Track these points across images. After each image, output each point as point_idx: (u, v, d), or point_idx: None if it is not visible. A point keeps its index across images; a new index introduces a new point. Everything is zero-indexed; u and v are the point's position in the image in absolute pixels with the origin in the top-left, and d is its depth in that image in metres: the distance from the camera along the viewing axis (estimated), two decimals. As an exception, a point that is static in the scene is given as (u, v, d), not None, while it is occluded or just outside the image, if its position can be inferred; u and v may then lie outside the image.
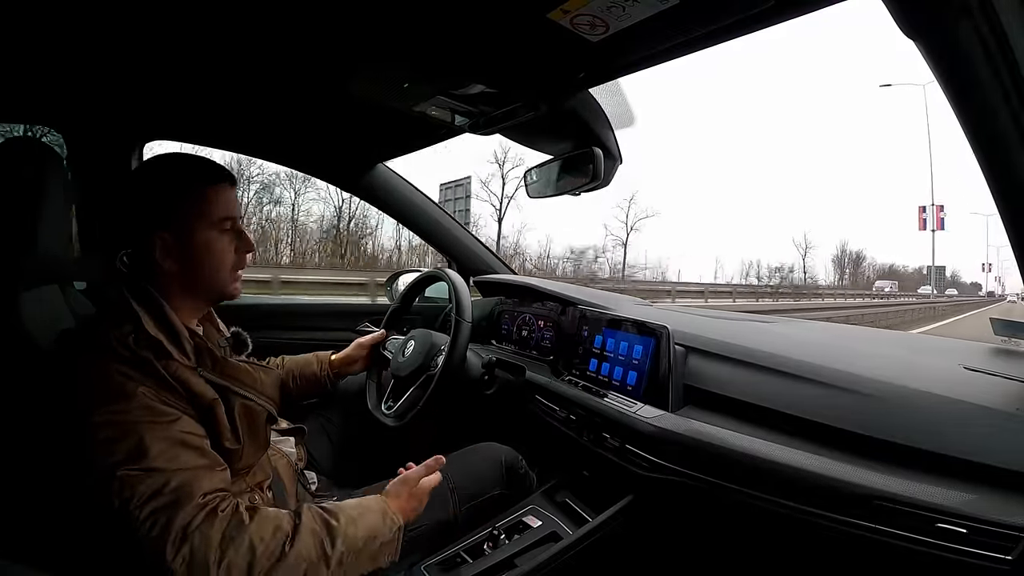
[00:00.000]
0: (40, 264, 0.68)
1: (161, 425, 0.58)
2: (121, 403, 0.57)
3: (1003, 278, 45.38)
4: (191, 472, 0.57)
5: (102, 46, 0.79)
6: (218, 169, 0.71)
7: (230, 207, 0.70)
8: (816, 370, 0.71)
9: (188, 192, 0.68)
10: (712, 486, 0.70)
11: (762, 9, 0.54)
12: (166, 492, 0.55)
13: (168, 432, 0.58)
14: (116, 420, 0.56)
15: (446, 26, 0.65)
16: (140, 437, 0.56)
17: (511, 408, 1.14)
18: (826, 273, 44.38)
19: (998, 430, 0.56)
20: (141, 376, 0.60)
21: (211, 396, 0.65)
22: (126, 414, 0.57)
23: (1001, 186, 0.47)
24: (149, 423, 0.57)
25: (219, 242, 0.70)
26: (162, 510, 0.54)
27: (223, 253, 0.70)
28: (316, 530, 0.61)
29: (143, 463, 0.55)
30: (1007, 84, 0.41)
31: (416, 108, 0.90)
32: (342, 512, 0.65)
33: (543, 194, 1.04)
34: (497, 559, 0.82)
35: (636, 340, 0.90)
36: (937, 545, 0.52)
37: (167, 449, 0.57)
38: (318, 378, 1.09)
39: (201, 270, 0.69)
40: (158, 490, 0.54)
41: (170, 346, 0.64)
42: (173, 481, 0.55)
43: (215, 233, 0.69)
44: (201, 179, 0.69)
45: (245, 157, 13.47)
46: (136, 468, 0.55)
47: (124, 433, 0.56)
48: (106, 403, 0.57)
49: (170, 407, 0.60)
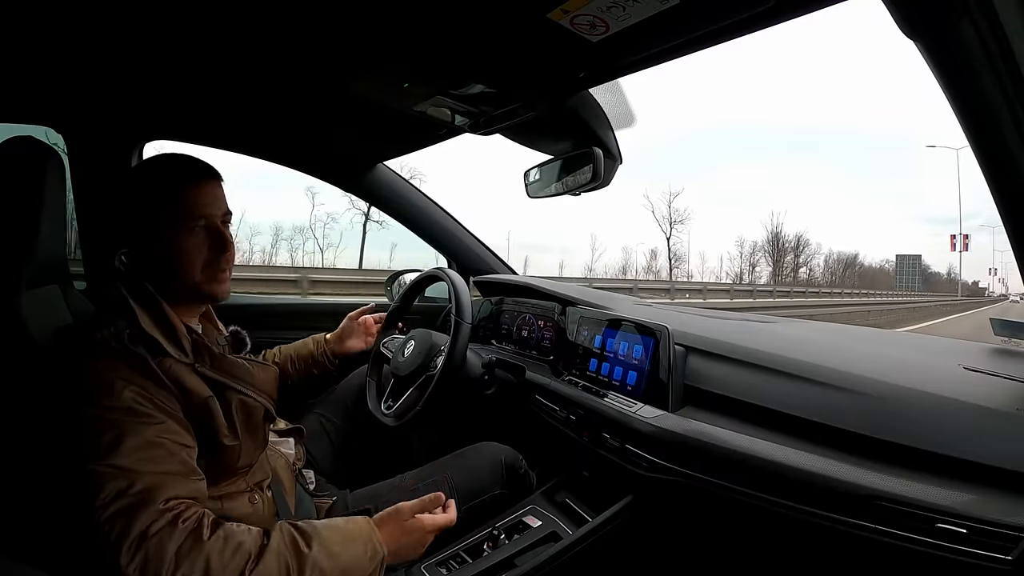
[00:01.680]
0: (40, 264, 0.68)
1: (141, 426, 0.57)
2: (105, 399, 0.57)
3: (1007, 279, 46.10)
4: (160, 476, 0.55)
5: (102, 46, 0.79)
6: (192, 166, 0.69)
7: (205, 205, 0.68)
8: (816, 370, 0.71)
9: (161, 191, 0.67)
10: (712, 486, 0.70)
11: (762, 9, 0.54)
12: (130, 494, 0.53)
13: (146, 434, 0.57)
14: (98, 415, 0.56)
15: (446, 26, 0.65)
16: (118, 434, 0.55)
17: (511, 408, 1.14)
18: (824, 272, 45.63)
19: (998, 430, 0.56)
20: (132, 374, 0.59)
21: (206, 394, 0.65)
22: (109, 411, 0.56)
23: (1001, 186, 0.47)
24: (130, 422, 0.56)
25: (188, 241, 0.67)
26: (123, 512, 0.52)
27: (192, 252, 0.68)
28: (283, 555, 0.57)
29: (114, 460, 0.54)
30: (1007, 84, 0.41)
31: (416, 108, 0.90)
32: (317, 537, 0.60)
33: (543, 194, 1.04)
34: (497, 559, 0.82)
35: (636, 340, 0.90)
36: (937, 545, 0.52)
37: (141, 449, 0.56)
38: (315, 357, 1.11)
39: (174, 269, 0.67)
40: (123, 490, 0.53)
41: (167, 343, 0.64)
42: (139, 483, 0.54)
43: (183, 232, 0.67)
44: (174, 177, 0.68)
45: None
46: (106, 464, 0.54)
47: (103, 428, 0.55)
48: (92, 398, 0.57)
49: (157, 408, 0.59)
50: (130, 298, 0.64)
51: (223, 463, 0.68)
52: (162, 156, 0.70)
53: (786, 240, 44.42)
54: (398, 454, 1.15)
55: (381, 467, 1.04)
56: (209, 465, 0.66)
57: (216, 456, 0.66)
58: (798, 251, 45.01)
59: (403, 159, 1.85)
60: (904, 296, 29.03)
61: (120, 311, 0.64)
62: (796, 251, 44.95)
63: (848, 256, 53.48)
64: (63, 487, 0.59)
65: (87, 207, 1.09)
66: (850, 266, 53.11)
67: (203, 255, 0.68)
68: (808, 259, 46.08)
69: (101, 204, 1.08)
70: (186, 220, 0.67)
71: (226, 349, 0.74)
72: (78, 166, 1.07)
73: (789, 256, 44.67)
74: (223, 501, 0.68)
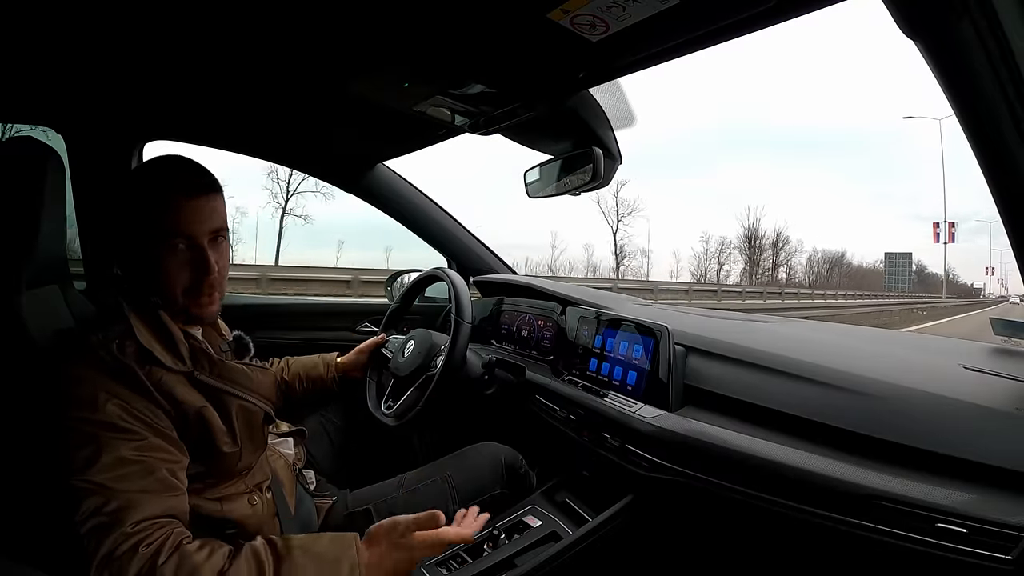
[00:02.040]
0: (40, 264, 0.68)
1: (120, 442, 0.56)
2: (86, 411, 0.56)
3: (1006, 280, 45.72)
4: (134, 495, 0.54)
5: (102, 46, 0.79)
6: (185, 180, 0.64)
7: (191, 223, 0.63)
8: (816, 370, 0.71)
9: (144, 205, 0.63)
10: (712, 486, 0.70)
11: (762, 9, 0.54)
12: (104, 512, 0.53)
13: (124, 450, 0.56)
14: (80, 427, 0.56)
15: (446, 26, 0.65)
16: (96, 449, 0.55)
17: (511, 408, 1.14)
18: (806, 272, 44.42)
19: (998, 430, 0.56)
20: (117, 386, 0.58)
21: (199, 404, 0.64)
22: (89, 424, 0.56)
23: (1001, 186, 0.47)
24: (108, 437, 0.56)
25: (167, 260, 0.64)
26: (97, 530, 0.53)
27: (173, 273, 0.64)
28: None
29: (92, 476, 0.54)
30: (1007, 84, 0.41)
31: (416, 108, 0.90)
32: (288, 560, 0.56)
33: (543, 194, 1.04)
34: (497, 559, 0.82)
35: (636, 340, 0.90)
36: (937, 545, 0.52)
37: (118, 467, 0.55)
38: (324, 381, 1.10)
39: (155, 286, 0.65)
40: (98, 508, 0.53)
41: (162, 351, 0.63)
42: (113, 503, 0.53)
43: (164, 250, 0.63)
44: (161, 191, 0.63)
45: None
46: (85, 481, 0.54)
47: (83, 441, 0.55)
48: (74, 408, 0.57)
49: (140, 423, 0.58)
50: (126, 305, 0.64)
51: (222, 467, 0.68)
52: (157, 162, 0.66)
53: (764, 237, 42.10)
54: (398, 454, 1.15)
55: (381, 467, 1.04)
56: (208, 469, 0.66)
57: (215, 461, 0.66)
58: (777, 247, 42.68)
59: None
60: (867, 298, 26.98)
61: (117, 317, 0.63)
62: (776, 247, 42.54)
63: (834, 255, 51.04)
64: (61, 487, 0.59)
65: (87, 207, 1.09)
66: (836, 265, 50.91)
67: (184, 276, 0.65)
68: (788, 257, 43.81)
69: (101, 204, 1.08)
70: (168, 237, 0.63)
71: (228, 355, 0.74)
72: (78, 166, 1.07)
73: (767, 253, 42.34)
74: (222, 503, 0.68)
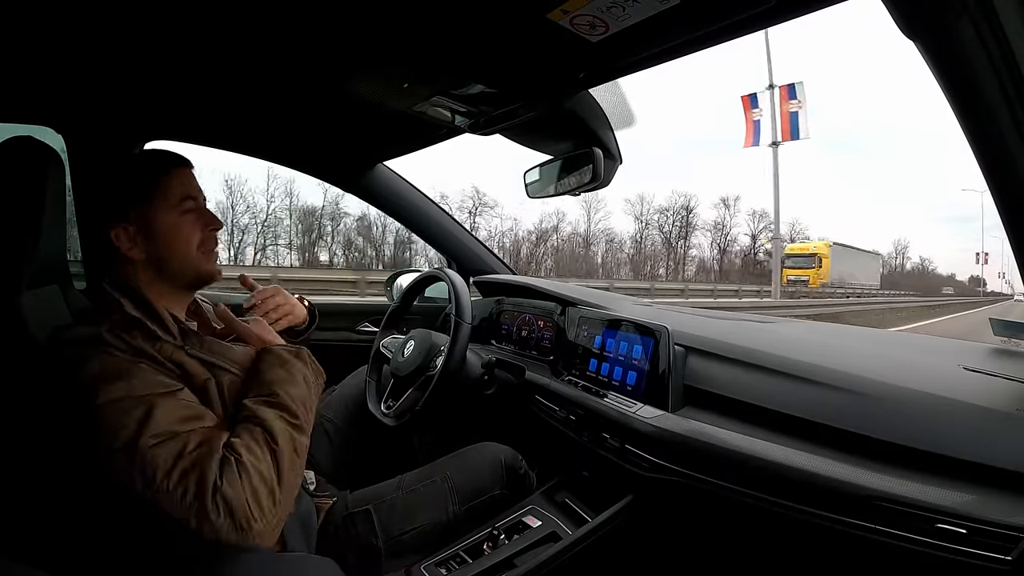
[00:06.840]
0: (41, 264, 0.68)
1: (167, 395, 0.59)
2: (124, 381, 0.58)
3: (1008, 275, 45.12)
4: (206, 430, 0.58)
5: (102, 46, 0.79)
6: (168, 156, 0.74)
7: (188, 188, 0.72)
8: (815, 370, 0.71)
9: (141, 183, 0.70)
10: (712, 486, 0.70)
11: (762, 9, 0.54)
12: (187, 454, 0.55)
13: (175, 399, 0.59)
14: (123, 396, 0.57)
15: (446, 26, 0.65)
16: (149, 407, 0.57)
17: (511, 408, 1.15)
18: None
19: (998, 430, 0.56)
20: (137, 360, 0.61)
21: (204, 376, 0.66)
22: (132, 389, 0.57)
23: (1001, 186, 0.47)
24: (157, 394, 0.58)
25: (183, 223, 0.71)
26: (190, 472, 0.54)
27: (189, 233, 0.72)
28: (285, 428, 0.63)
29: (158, 430, 0.55)
30: (1007, 84, 0.41)
31: (416, 108, 0.90)
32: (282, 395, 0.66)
33: (543, 194, 1.04)
34: (497, 559, 0.82)
35: (636, 340, 0.90)
36: (937, 546, 0.52)
37: (178, 412, 0.58)
38: None
39: (171, 253, 0.70)
40: (179, 453, 0.55)
41: (154, 326, 0.65)
42: (191, 442, 0.56)
43: (175, 215, 0.71)
44: (153, 169, 0.71)
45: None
46: (153, 438, 0.55)
47: (133, 406, 0.56)
48: (110, 384, 0.57)
49: (172, 378, 0.62)
50: (114, 291, 0.66)
51: None
52: (144, 152, 0.75)
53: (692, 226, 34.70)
54: (398, 454, 1.15)
55: (381, 467, 1.04)
56: None
57: None
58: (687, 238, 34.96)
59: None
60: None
61: (107, 305, 0.65)
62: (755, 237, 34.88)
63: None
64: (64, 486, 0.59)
65: (87, 207, 1.09)
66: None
67: (197, 234, 0.73)
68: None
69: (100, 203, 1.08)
70: (180, 200, 0.71)
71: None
72: (78, 166, 1.07)
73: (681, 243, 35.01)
74: None
